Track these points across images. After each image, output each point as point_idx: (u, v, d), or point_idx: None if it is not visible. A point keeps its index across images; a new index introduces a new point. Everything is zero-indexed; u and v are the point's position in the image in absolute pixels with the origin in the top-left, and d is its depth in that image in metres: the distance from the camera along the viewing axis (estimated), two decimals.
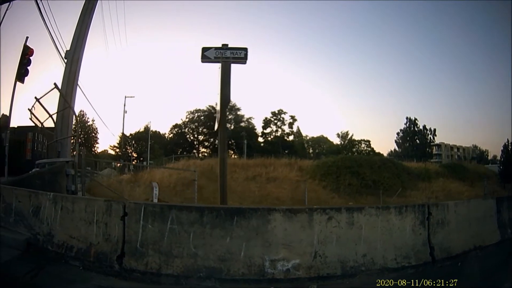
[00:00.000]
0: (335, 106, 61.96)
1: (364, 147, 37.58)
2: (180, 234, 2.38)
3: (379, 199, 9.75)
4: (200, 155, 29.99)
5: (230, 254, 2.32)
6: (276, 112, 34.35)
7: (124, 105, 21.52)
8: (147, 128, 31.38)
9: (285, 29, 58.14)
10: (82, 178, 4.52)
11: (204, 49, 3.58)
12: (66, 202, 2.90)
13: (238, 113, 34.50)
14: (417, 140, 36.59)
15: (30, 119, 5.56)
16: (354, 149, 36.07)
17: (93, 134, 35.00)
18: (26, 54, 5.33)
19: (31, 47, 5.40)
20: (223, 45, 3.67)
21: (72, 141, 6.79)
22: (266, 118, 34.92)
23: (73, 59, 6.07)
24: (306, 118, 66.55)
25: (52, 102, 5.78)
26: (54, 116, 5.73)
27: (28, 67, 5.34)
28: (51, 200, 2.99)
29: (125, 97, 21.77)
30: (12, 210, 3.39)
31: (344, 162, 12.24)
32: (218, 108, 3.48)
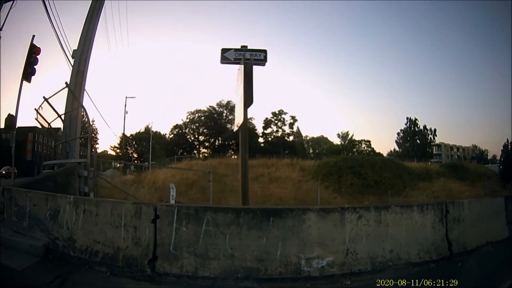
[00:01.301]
0: (335, 106, 65.52)
1: (364, 147, 39.18)
2: (216, 235, 2.50)
3: (380, 199, 10.14)
4: (200, 155, 31.15)
5: (267, 254, 2.47)
6: (277, 112, 36.24)
7: (125, 105, 22.05)
8: (147, 129, 32.29)
9: (286, 30, 61.91)
10: (94, 179, 4.47)
11: (224, 50, 3.76)
12: (89, 205, 2.92)
13: None
14: (418, 140, 38.39)
15: (36, 119, 5.60)
16: (355, 149, 37.45)
17: (93, 135, 36.22)
18: (33, 53, 5.33)
19: (38, 46, 5.41)
20: (242, 46, 3.86)
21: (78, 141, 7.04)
22: (266, 118, 36.72)
23: (80, 59, 6.23)
24: (306, 118, 71.29)
25: (57, 103, 5.92)
26: (63, 117, 5.84)
27: (35, 66, 5.37)
28: (72, 203, 3.01)
29: (126, 97, 22.21)
30: (26, 214, 3.36)
31: (346, 162, 12.76)
32: (240, 109, 3.64)
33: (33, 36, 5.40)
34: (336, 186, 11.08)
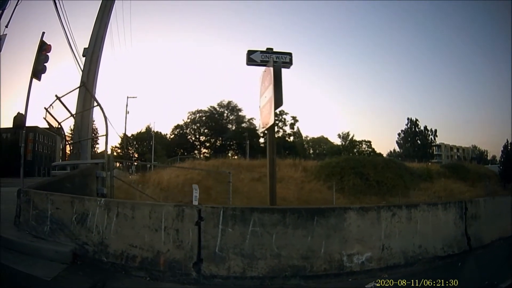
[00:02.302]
0: (336, 106, 69.55)
1: (365, 148, 42.17)
2: (262, 236, 2.71)
3: (383, 199, 10.84)
4: (201, 156, 33.12)
5: (311, 252, 2.74)
6: (278, 112, 39.17)
7: (127, 105, 23.59)
8: (148, 129, 34.46)
9: (286, 30, 66.11)
10: (111, 180, 4.59)
11: (250, 52, 4.12)
12: (124, 208, 3.00)
13: (240, 113, 39.47)
14: (418, 141, 41.27)
15: (45, 118, 5.88)
16: (355, 150, 40.23)
17: (93, 134, 40.24)
18: (44, 50, 5.51)
19: (48, 43, 5.62)
20: (267, 48, 4.23)
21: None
22: None
23: (92, 58, 6.53)
24: (306, 118, 75.79)
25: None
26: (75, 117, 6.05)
27: (46, 64, 5.57)
28: (103, 206, 3.08)
29: (128, 97, 23.67)
30: (47, 218, 3.38)
31: (348, 162, 13.26)
32: (268, 110, 3.75)
33: (43, 33, 5.65)
34: (338, 186, 11.66)
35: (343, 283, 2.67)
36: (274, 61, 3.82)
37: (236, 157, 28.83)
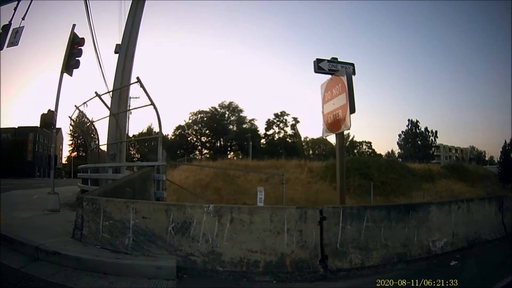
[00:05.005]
0: None
1: (365, 148, 48.04)
2: (373, 230, 3.63)
3: (388, 199, 12.92)
4: (202, 156, 37.69)
5: (408, 241, 3.80)
6: (279, 113, 47.49)
7: (129, 106, 24.83)
8: (150, 129, 39.20)
9: (285, 31, 77.15)
10: (163, 184, 5.12)
11: (319, 61, 5.17)
12: (240, 213, 3.48)
13: (241, 114, 46.69)
14: (419, 142, 49.28)
15: (70, 117, 6.89)
16: (355, 151, 46.06)
17: (92, 135, 43.37)
18: (76, 44, 5.98)
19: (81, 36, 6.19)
20: (332, 58, 5.30)
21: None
22: (268, 119, 47.82)
23: (127, 55, 7.39)
24: (306, 119, 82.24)
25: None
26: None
27: (79, 58, 6.09)
28: (211, 212, 3.50)
29: (130, 98, 24.20)
30: (128, 229, 3.59)
31: (353, 163, 15.36)
32: (346, 116, 4.62)
33: (74, 25, 6.09)
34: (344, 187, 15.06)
35: (432, 264, 3.83)
36: (347, 72, 4.86)
37: (236, 158, 33.28)
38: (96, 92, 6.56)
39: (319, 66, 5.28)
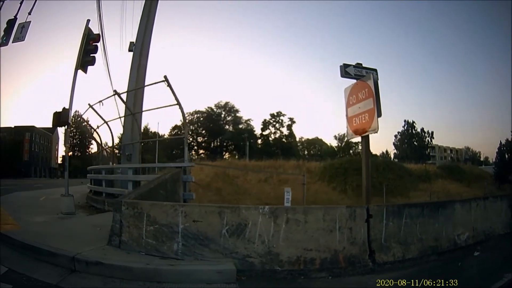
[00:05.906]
0: (332, 107, 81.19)
1: (361, 149, 54.46)
2: (411, 226, 4.15)
3: (386, 199, 13.75)
4: (197, 156, 39.36)
5: (438, 235, 4.37)
6: (275, 114, 51.07)
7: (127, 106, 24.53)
8: (146, 129, 39.57)
9: (285, 31, 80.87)
10: (187, 185, 5.19)
11: (345, 66, 5.82)
12: (295, 213, 3.87)
13: (237, 114, 49.75)
14: (415, 142, 51.74)
15: (99, 114, 7.59)
16: (351, 151, 48.02)
17: (88, 135, 43.06)
18: (92, 40, 6.12)
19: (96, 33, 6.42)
20: (357, 63, 5.99)
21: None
22: (265, 120, 51.07)
23: (142, 53, 7.75)
24: (301, 119, 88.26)
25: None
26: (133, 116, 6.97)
27: (94, 55, 6.33)
28: (267, 214, 3.84)
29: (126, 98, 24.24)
30: (177, 233, 3.78)
31: (351, 164, 15.98)
32: (374, 120, 5.12)
33: (88, 20, 6.28)
34: (342, 187, 14.83)
35: (458, 255, 4.48)
36: (374, 77, 5.45)
37: (233, 158, 35.17)
38: (115, 91, 6.83)
39: (346, 71, 5.94)
